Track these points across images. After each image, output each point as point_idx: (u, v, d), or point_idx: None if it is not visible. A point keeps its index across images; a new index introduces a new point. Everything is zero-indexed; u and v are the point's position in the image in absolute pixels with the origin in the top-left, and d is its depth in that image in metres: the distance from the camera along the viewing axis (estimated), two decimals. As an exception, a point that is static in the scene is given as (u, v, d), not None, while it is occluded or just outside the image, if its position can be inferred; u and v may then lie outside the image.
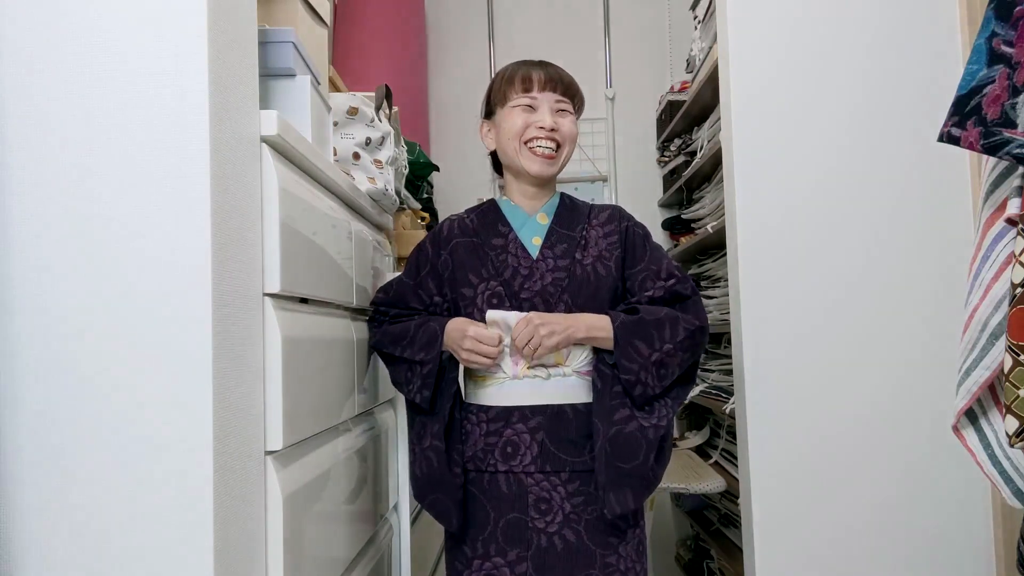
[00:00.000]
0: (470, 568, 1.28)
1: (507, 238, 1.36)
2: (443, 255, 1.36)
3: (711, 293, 2.51)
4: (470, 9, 3.26)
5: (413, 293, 1.38)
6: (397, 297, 1.39)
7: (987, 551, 1.59)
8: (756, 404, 1.59)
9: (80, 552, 0.79)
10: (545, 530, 1.26)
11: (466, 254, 1.35)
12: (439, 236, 1.39)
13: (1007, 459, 0.96)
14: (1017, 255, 0.84)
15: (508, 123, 1.34)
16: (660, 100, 3.06)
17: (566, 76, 1.38)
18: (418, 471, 1.31)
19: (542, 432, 1.29)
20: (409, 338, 1.32)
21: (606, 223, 1.39)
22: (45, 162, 0.80)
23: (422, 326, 1.32)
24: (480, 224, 1.39)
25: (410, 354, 1.31)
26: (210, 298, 0.80)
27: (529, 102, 1.34)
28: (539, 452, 1.28)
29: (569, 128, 1.35)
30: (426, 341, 1.30)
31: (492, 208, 1.41)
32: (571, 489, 1.28)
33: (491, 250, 1.35)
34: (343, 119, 1.50)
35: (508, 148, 1.35)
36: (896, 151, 1.62)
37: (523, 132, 1.33)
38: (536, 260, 1.34)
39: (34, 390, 0.79)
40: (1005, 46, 0.88)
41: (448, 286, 1.36)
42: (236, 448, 0.86)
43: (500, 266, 1.33)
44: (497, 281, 1.32)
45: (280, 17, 1.38)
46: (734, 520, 2.21)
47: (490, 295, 1.32)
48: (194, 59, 0.81)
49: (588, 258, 1.34)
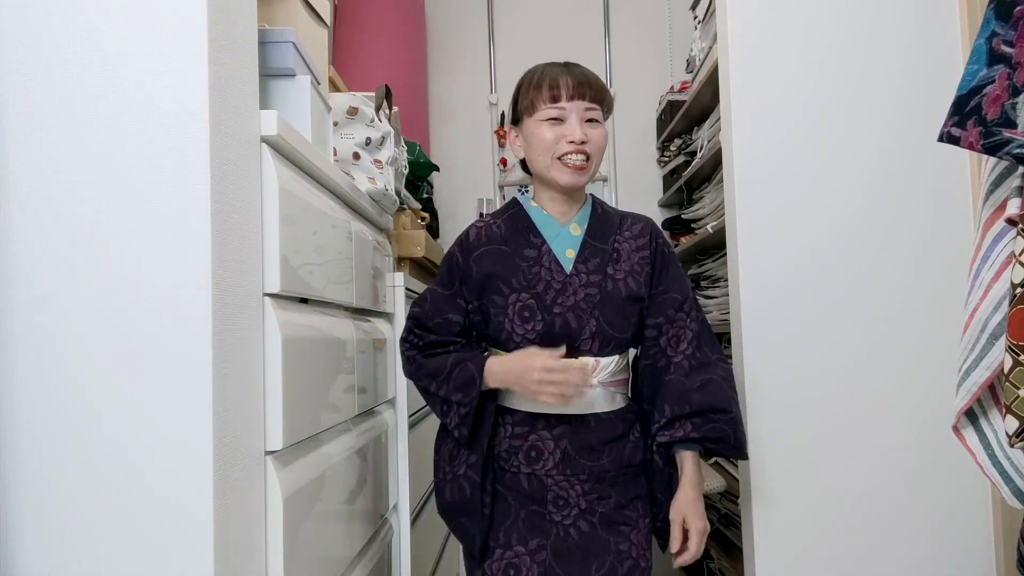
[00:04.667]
0: (491, 557, 1.31)
1: (540, 250, 1.35)
2: (472, 262, 1.35)
3: (711, 293, 2.51)
4: (470, 9, 3.26)
5: (451, 303, 1.35)
6: (434, 309, 1.35)
7: (987, 551, 1.59)
8: (756, 404, 1.59)
9: (80, 552, 0.79)
10: (562, 522, 1.31)
11: (495, 263, 1.34)
12: (466, 243, 1.37)
13: (1007, 459, 0.96)
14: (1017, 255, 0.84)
15: (538, 137, 1.33)
16: (660, 100, 3.06)
17: (594, 79, 1.34)
18: (448, 496, 1.33)
19: (566, 440, 1.31)
20: (444, 375, 1.31)
21: (639, 236, 1.39)
22: (45, 162, 0.80)
23: (458, 364, 1.30)
24: (510, 231, 1.37)
25: (445, 393, 1.30)
26: (210, 298, 0.80)
27: (558, 114, 1.31)
28: (561, 458, 1.31)
29: (599, 139, 1.33)
30: (463, 382, 1.29)
31: (521, 215, 1.38)
32: (587, 488, 1.32)
33: (523, 260, 1.34)
34: (343, 119, 1.50)
35: (539, 161, 1.34)
36: (896, 151, 1.62)
37: (554, 147, 1.31)
38: (570, 275, 1.33)
39: (34, 390, 0.79)
40: (1005, 46, 0.88)
41: (477, 294, 1.34)
42: (236, 448, 0.86)
43: (532, 279, 1.33)
44: (529, 294, 1.32)
45: (280, 17, 1.38)
46: (734, 520, 2.21)
47: (521, 307, 1.32)
48: (194, 59, 0.81)
49: (620, 272, 1.35)
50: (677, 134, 2.84)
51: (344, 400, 1.26)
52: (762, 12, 1.63)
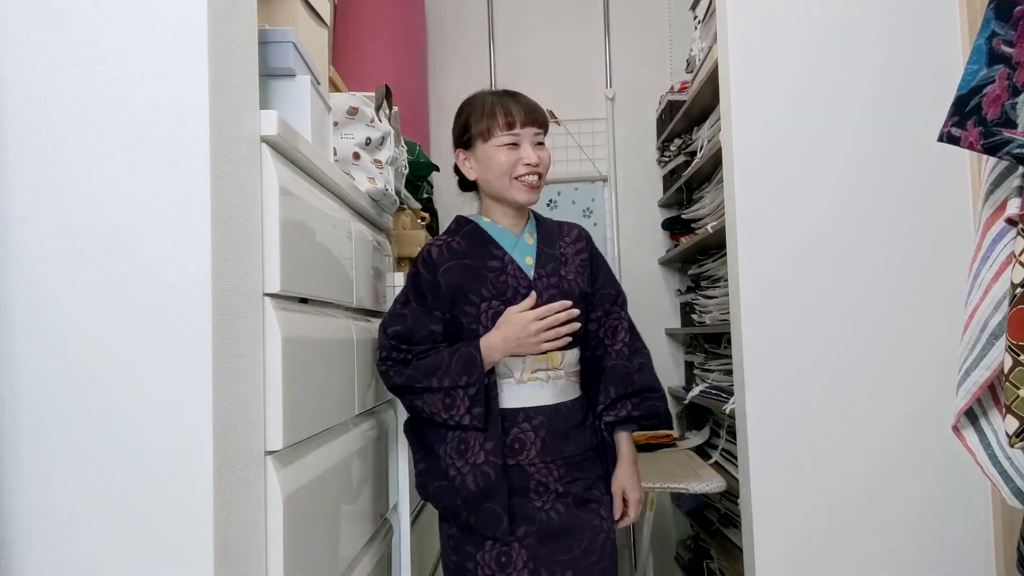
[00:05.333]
0: (483, 549, 1.39)
1: (503, 260, 1.47)
2: (440, 276, 1.43)
3: (711, 293, 2.51)
4: (470, 9, 3.26)
5: (429, 315, 1.43)
6: (416, 324, 1.42)
7: (987, 551, 1.59)
8: (756, 404, 1.59)
9: (80, 552, 0.79)
10: (543, 508, 1.41)
11: (462, 275, 1.44)
12: (429, 260, 1.45)
13: (1007, 459, 0.96)
14: (1017, 255, 0.84)
15: (495, 161, 1.46)
16: (660, 100, 3.06)
17: (539, 107, 1.51)
18: (473, 486, 1.36)
19: (544, 429, 1.43)
20: (444, 366, 1.37)
21: (576, 241, 1.56)
22: (45, 162, 0.80)
23: (454, 353, 1.39)
24: (470, 247, 1.48)
25: (450, 382, 1.36)
26: (210, 298, 0.80)
27: (513, 139, 1.45)
28: (541, 446, 1.42)
29: (547, 160, 1.49)
30: (464, 364, 1.37)
31: (478, 231, 1.50)
32: (562, 472, 1.44)
33: (488, 272, 1.46)
34: (343, 119, 1.50)
35: (497, 182, 1.47)
36: (896, 151, 1.62)
37: (512, 169, 1.45)
38: (533, 280, 1.47)
39: (33, 390, 0.79)
40: (1005, 46, 0.88)
41: (448, 306, 1.43)
42: (236, 448, 0.86)
43: (501, 287, 1.45)
44: (500, 301, 1.44)
45: (280, 17, 1.38)
46: (734, 520, 2.21)
47: (494, 314, 1.43)
48: (194, 59, 0.81)
49: (570, 274, 1.51)
50: (677, 134, 2.84)
51: (344, 400, 1.26)
52: (762, 12, 1.63)
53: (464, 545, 1.40)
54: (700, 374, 2.70)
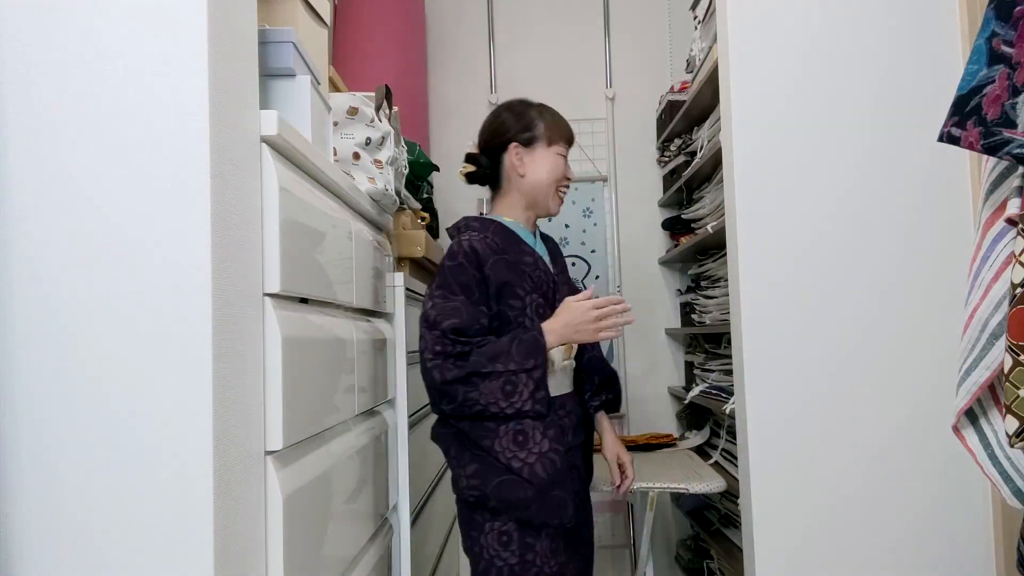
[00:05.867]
0: (540, 539, 1.44)
1: (533, 256, 1.57)
2: (485, 272, 1.48)
3: (711, 293, 2.51)
4: (470, 9, 3.26)
5: (479, 310, 1.46)
6: (471, 318, 1.44)
7: (987, 551, 1.59)
8: (756, 404, 1.59)
9: (80, 552, 0.79)
10: (578, 492, 1.57)
11: (507, 271, 1.50)
12: (473, 255, 1.49)
13: (1007, 459, 0.96)
14: (1017, 255, 0.84)
15: (551, 165, 1.58)
16: (660, 100, 3.06)
17: None
18: (543, 473, 1.39)
19: (573, 414, 1.58)
20: (506, 352, 1.41)
21: (549, 243, 1.73)
22: (44, 162, 0.80)
23: (515, 339, 1.43)
24: (504, 243, 1.54)
25: (516, 365, 1.40)
26: (210, 298, 0.80)
27: (564, 153, 1.61)
28: (573, 430, 1.56)
29: None
30: (528, 349, 1.42)
31: (506, 229, 1.58)
32: (582, 453, 1.62)
33: (525, 267, 1.54)
34: (343, 119, 1.50)
35: (542, 185, 1.58)
36: (896, 151, 1.62)
37: (558, 179, 1.59)
38: (553, 275, 1.60)
39: (33, 390, 0.79)
40: (1005, 46, 0.88)
41: (496, 300, 1.49)
42: (236, 448, 0.86)
43: (537, 281, 1.55)
44: (538, 294, 1.53)
45: (280, 17, 1.39)
46: (734, 520, 2.21)
47: (536, 306, 1.52)
48: (194, 59, 0.81)
49: (563, 273, 1.70)
50: (677, 134, 2.84)
51: (344, 400, 1.26)
52: (762, 12, 1.63)
53: (524, 538, 1.43)
54: (700, 374, 2.70)
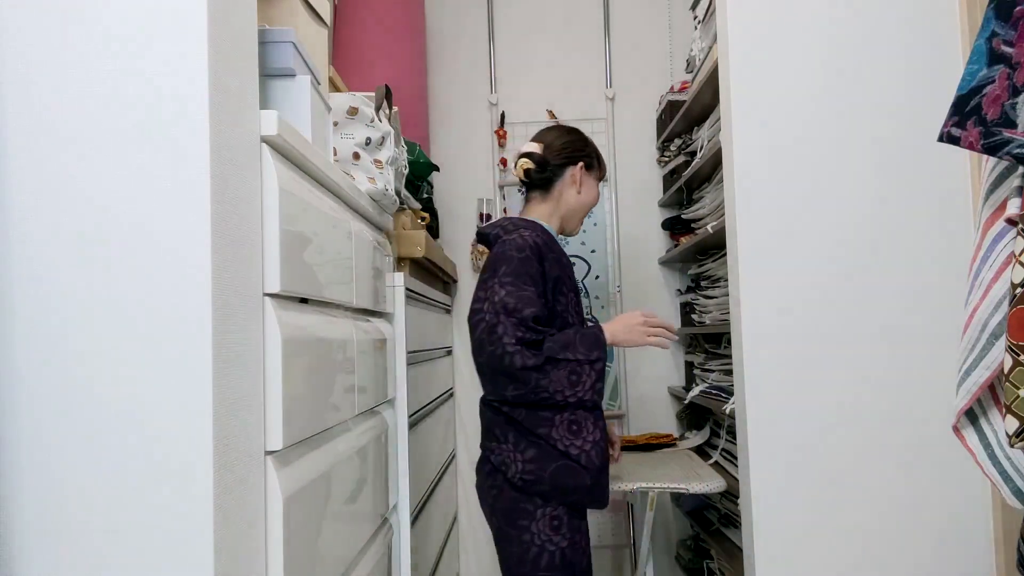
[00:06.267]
0: (583, 519, 1.58)
1: (568, 260, 1.69)
2: (545, 267, 1.59)
3: (711, 293, 2.51)
4: (470, 9, 3.26)
5: (542, 300, 1.57)
6: (541, 308, 1.55)
7: (987, 551, 1.59)
8: (756, 404, 1.59)
9: (79, 552, 0.79)
10: None
11: (558, 268, 1.63)
12: (536, 250, 1.60)
13: (1007, 459, 0.96)
14: (1017, 255, 0.84)
15: (594, 194, 1.77)
16: (660, 100, 3.06)
17: None
18: (597, 459, 1.52)
19: None
20: (574, 344, 1.53)
21: None
22: (44, 162, 0.80)
23: (577, 333, 1.55)
24: (548, 244, 1.64)
25: (583, 354, 1.52)
26: (210, 298, 0.80)
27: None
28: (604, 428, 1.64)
29: None
30: (592, 342, 1.53)
31: (547, 232, 1.70)
32: None
33: (565, 268, 1.66)
34: (343, 119, 1.50)
35: (584, 207, 1.76)
36: (896, 151, 1.62)
37: (593, 207, 1.78)
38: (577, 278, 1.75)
39: (33, 390, 0.79)
40: (1005, 46, 0.88)
41: (551, 294, 1.60)
42: (236, 448, 0.86)
43: (572, 282, 1.68)
44: (574, 293, 1.66)
45: (280, 17, 1.39)
46: (734, 520, 2.21)
47: (574, 304, 1.64)
48: (194, 59, 0.81)
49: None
50: (677, 134, 2.84)
51: (344, 400, 1.26)
52: (762, 12, 1.63)
53: (573, 519, 1.54)
54: (700, 374, 2.70)
